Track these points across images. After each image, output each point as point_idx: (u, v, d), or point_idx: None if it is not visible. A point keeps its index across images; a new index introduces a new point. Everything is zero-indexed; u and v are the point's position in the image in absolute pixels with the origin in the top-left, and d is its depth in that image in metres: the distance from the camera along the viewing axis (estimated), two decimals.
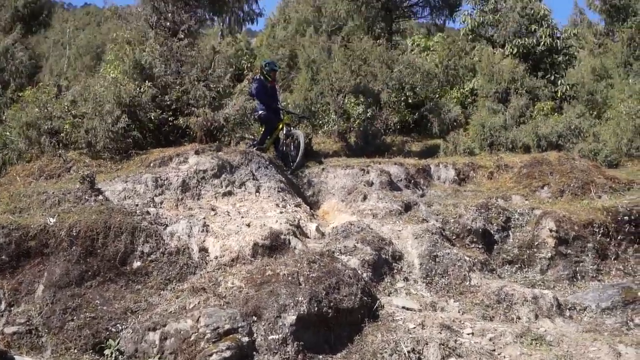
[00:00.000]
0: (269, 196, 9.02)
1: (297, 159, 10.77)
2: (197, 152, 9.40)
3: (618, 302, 7.14)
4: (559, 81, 19.68)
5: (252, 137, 12.01)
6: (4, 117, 11.56)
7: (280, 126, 11.54)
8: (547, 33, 20.18)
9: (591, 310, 7.12)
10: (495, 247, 8.73)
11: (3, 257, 6.37)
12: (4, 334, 5.72)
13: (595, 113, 17.42)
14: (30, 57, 20.80)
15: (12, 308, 6.03)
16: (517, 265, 8.47)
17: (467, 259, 7.76)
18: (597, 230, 8.66)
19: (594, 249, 8.45)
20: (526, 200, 10.15)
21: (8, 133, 10.56)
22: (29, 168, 9.41)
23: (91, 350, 5.65)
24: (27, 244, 6.50)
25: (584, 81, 19.26)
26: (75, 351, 5.62)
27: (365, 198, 9.59)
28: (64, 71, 26.20)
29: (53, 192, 7.68)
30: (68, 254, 6.45)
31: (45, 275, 6.27)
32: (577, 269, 8.28)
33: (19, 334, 5.71)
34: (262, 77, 11.76)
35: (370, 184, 10.45)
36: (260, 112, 11.40)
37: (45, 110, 10.20)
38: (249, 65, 24.08)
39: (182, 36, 12.10)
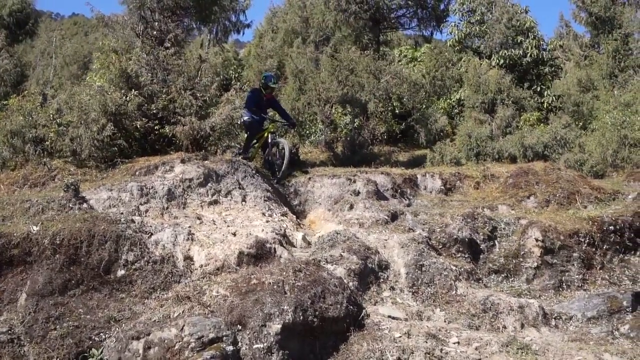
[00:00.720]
0: (255, 205, 9.00)
1: (282, 168, 10.73)
2: (183, 161, 9.36)
3: (604, 311, 7.17)
4: (545, 92, 19.91)
5: (239, 146, 12.00)
6: None
7: (266, 134, 11.53)
8: (533, 45, 20.41)
9: (577, 320, 7.14)
10: (481, 256, 8.73)
11: None
12: None
13: (581, 124, 17.60)
14: (15, 66, 20.73)
15: None
16: (503, 275, 8.47)
17: (454, 268, 7.74)
18: (582, 240, 8.69)
19: (580, 258, 8.47)
20: (512, 210, 10.18)
21: None
22: (13, 176, 9.33)
23: None
24: (10, 252, 6.42)
25: (570, 92, 19.45)
26: None
27: (351, 207, 9.58)
28: (50, 80, 26.09)
29: (37, 200, 7.60)
30: (51, 262, 6.37)
31: (28, 284, 6.19)
32: (563, 278, 8.29)
33: (0, 343, 5.62)
34: (260, 87, 11.89)
35: (357, 193, 10.47)
36: (244, 117, 11.39)
37: (30, 118, 10.13)
38: (236, 75, 24.11)
39: (169, 45, 12.10)
